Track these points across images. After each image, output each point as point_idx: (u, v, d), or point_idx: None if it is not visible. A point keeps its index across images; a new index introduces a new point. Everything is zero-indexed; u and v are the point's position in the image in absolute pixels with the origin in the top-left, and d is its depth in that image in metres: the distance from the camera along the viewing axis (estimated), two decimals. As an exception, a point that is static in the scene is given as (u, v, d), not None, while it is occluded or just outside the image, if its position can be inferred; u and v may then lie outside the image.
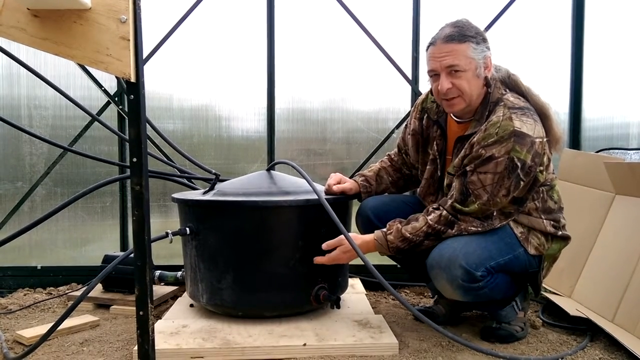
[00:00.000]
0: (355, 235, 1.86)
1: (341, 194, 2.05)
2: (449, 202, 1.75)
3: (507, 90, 1.80)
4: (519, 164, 1.66)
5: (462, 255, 1.68)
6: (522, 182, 1.69)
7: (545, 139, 1.72)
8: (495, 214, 1.74)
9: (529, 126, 1.68)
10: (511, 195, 1.71)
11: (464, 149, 1.77)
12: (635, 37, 2.65)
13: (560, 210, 1.88)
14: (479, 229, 1.74)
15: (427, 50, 1.79)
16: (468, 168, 1.72)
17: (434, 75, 1.77)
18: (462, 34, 1.71)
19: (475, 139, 1.72)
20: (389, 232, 1.80)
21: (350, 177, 2.15)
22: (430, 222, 1.75)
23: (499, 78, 1.81)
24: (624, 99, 2.75)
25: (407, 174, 2.15)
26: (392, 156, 2.19)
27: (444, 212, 1.75)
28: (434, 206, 1.80)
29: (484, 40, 1.75)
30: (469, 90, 1.73)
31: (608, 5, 2.85)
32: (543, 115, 1.76)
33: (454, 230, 1.74)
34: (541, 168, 1.74)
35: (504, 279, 1.79)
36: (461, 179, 1.74)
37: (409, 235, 1.77)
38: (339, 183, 2.07)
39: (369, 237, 1.84)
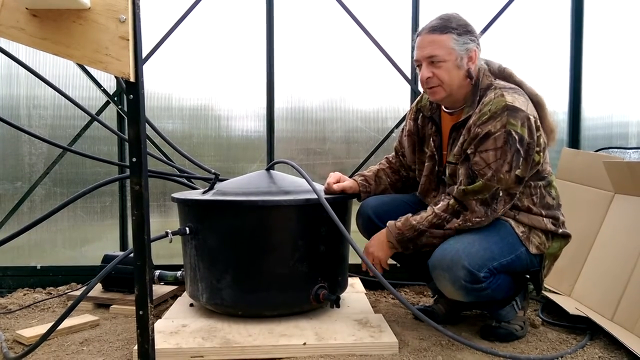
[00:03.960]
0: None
1: (341, 192, 2.06)
2: (457, 187, 1.75)
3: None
4: (516, 137, 1.68)
5: (465, 256, 1.68)
6: (521, 158, 1.70)
7: (538, 120, 1.74)
8: (500, 194, 1.73)
9: (521, 102, 1.71)
10: (514, 172, 1.70)
11: (462, 135, 1.78)
12: (635, 36, 2.65)
13: (558, 207, 1.88)
14: (483, 219, 1.74)
15: (414, 41, 1.85)
16: (469, 151, 1.74)
17: (418, 65, 1.83)
18: (444, 25, 1.76)
19: (471, 121, 1.75)
20: (398, 221, 1.83)
21: (350, 177, 2.16)
22: (437, 211, 1.77)
23: (492, 71, 1.84)
24: (623, 98, 2.75)
25: (405, 176, 2.16)
26: (390, 159, 2.20)
27: (452, 201, 1.76)
28: (444, 195, 1.81)
29: (468, 32, 1.78)
30: (449, 80, 1.77)
31: (607, 5, 2.85)
32: (537, 103, 1.79)
33: (459, 220, 1.74)
34: (538, 149, 1.75)
35: (505, 279, 1.79)
36: (465, 164, 1.75)
37: (415, 222, 1.78)
38: (338, 182, 2.08)
39: (383, 230, 1.88)
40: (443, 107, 1.93)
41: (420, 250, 1.84)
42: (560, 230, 1.86)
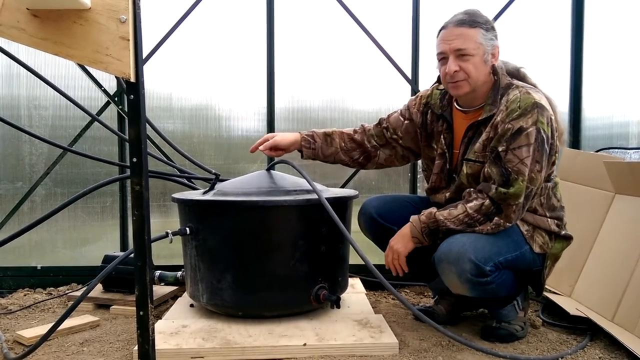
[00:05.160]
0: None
1: (273, 149, 2.03)
2: (493, 188, 1.71)
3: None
4: (544, 136, 1.69)
5: (471, 250, 1.68)
6: (547, 158, 1.71)
7: (554, 119, 1.76)
8: (532, 196, 1.74)
9: (545, 101, 1.73)
10: (543, 172, 1.72)
11: (486, 132, 1.77)
12: (635, 36, 2.65)
13: (562, 208, 1.89)
14: (511, 224, 1.75)
15: (437, 35, 1.82)
16: (500, 149, 1.71)
17: (442, 58, 1.79)
18: (473, 20, 1.75)
19: (498, 118, 1.74)
20: (422, 214, 1.81)
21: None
22: (470, 210, 1.73)
23: (508, 71, 1.85)
24: (624, 98, 2.75)
25: (372, 148, 2.08)
26: (365, 127, 2.11)
27: (487, 202, 1.72)
28: (476, 193, 1.76)
29: (493, 29, 1.79)
30: (476, 74, 1.75)
31: (608, 4, 2.85)
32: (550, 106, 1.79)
33: (491, 224, 1.72)
34: (556, 149, 1.78)
35: (509, 276, 1.80)
36: (497, 163, 1.72)
37: (442, 218, 1.76)
38: (276, 146, 2.02)
39: (407, 224, 1.85)
40: (456, 105, 1.92)
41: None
42: (563, 232, 1.87)
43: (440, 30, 1.80)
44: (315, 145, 2.06)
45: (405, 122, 2.05)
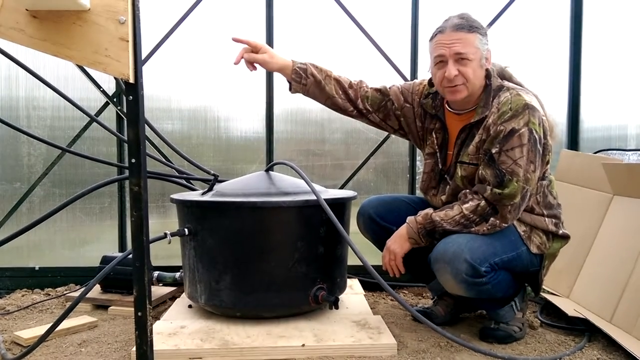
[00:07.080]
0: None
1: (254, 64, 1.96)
2: (488, 189, 1.72)
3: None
4: (536, 136, 1.70)
5: (467, 250, 1.69)
6: (540, 158, 1.72)
7: (545, 119, 1.77)
8: (528, 196, 1.74)
9: (535, 102, 1.75)
10: (538, 172, 1.73)
11: (478, 134, 1.78)
12: (634, 38, 2.66)
13: (558, 206, 1.90)
14: (507, 224, 1.75)
15: (432, 38, 1.81)
16: (494, 151, 1.72)
17: (440, 62, 1.78)
18: (470, 24, 1.77)
19: (490, 120, 1.75)
20: (418, 216, 1.82)
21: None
22: (465, 211, 1.74)
23: (496, 71, 1.87)
24: (622, 100, 2.76)
25: (364, 109, 2.03)
26: (363, 85, 2.05)
27: (483, 203, 1.73)
28: (472, 194, 1.77)
29: (486, 34, 1.81)
30: (474, 79, 1.77)
31: (606, 8, 2.86)
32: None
33: (487, 224, 1.73)
34: (549, 149, 1.79)
35: (506, 277, 1.80)
36: (491, 165, 1.73)
37: (438, 219, 1.76)
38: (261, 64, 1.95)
39: (403, 225, 1.86)
40: (447, 107, 1.92)
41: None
42: (561, 232, 1.87)
43: (437, 34, 1.79)
44: (307, 82, 1.96)
45: (406, 105, 2.02)
